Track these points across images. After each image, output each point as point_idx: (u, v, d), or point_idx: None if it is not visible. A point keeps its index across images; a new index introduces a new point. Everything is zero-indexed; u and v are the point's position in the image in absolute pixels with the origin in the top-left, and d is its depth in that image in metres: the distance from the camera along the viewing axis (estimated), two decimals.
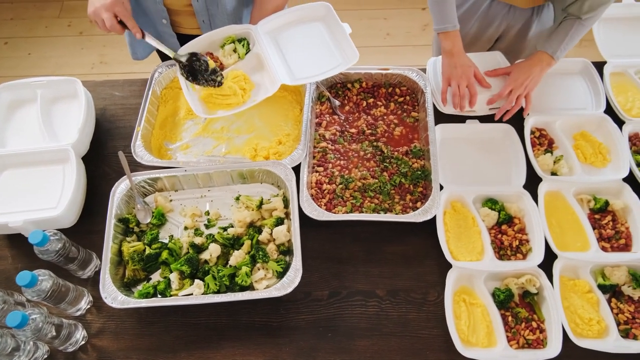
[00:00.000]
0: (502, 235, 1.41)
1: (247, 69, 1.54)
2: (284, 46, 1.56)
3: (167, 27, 1.63)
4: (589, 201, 1.46)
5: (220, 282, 1.33)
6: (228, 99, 1.49)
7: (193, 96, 1.49)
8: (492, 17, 1.70)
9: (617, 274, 1.34)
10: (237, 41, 1.56)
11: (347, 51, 1.52)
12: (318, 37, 1.57)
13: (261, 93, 1.49)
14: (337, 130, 1.59)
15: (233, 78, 1.50)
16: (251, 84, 1.53)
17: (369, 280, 1.39)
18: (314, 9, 1.59)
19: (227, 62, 1.54)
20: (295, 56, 1.54)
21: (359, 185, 1.48)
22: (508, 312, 1.31)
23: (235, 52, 1.56)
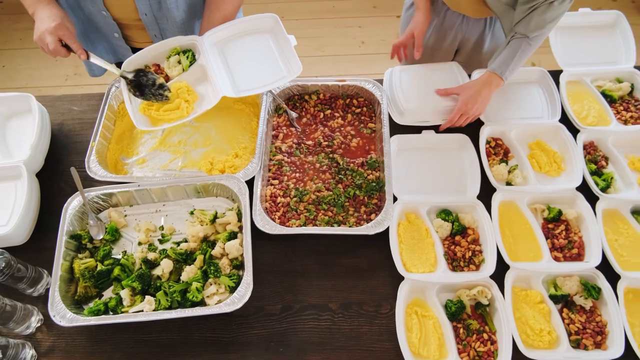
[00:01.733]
0: (455, 246, 1.41)
1: (191, 81, 1.53)
2: (230, 57, 1.55)
3: (120, 40, 1.62)
4: (542, 210, 1.46)
5: (171, 298, 1.32)
6: (171, 112, 1.48)
7: (135, 109, 1.48)
8: (448, 27, 1.71)
9: (569, 284, 1.34)
10: (182, 52, 1.55)
11: (292, 63, 1.52)
12: (264, 49, 1.57)
13: (204, 104, 1.48)
14: (294, 142, 1.59)
15: (177, 90, 1.50)
16: (195, 96, 1.52)
17: (322, 293, 1.38)
18: (261, 21, 1.59)
19: (172, 74, 1.53)
20: (239, 67, 1.53)
21: (314, 198, 1.47)
22: (460, 324, 1.31)
23: (179, 64, 1.55)
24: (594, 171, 1.50)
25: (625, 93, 1.65)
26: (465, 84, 1.58)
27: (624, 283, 1.33)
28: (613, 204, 1.45)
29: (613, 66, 1.71)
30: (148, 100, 1.47)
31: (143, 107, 1.48)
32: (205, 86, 1.51)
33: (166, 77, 1.53)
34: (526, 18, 1.40)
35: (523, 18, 1.41)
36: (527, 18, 1.40)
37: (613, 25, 1.79)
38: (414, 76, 1.67)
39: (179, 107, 1.47)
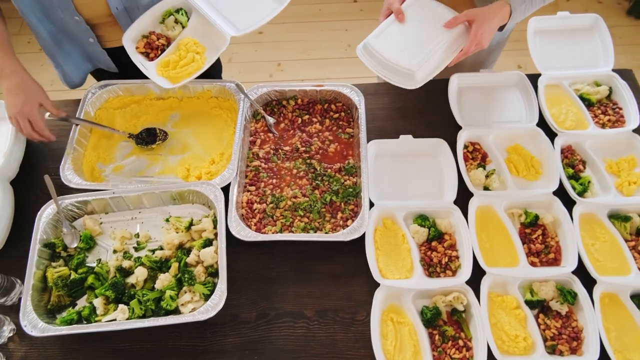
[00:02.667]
0: (431, 252, 1.40)
1: (193, 34, 1.60)
2: (219, 3, 1.61)
3: (96, 45, 1.61)
4: (520, 215, 1.45)
5: (145, 307, 1.31)
6: (188, 67, 1.55)
7: (153, 74, 1.54)
8: None
9: (545, 289, 1.33)
10: (175, 12, 1.60)
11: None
12: None
13: (214, 52, 1.57)
14: (272, 148, 1.58)
15: (185, 46, 1.56)
16: (202, 47, 1.59)
17: (298, 300, 1.37)
18: None
19: (173, 34, 1.59)
20: (232, 10, 1.60)
21: (290, 204, 1.46)
22: (435, 331, 1.30)
23: (177, 23, 1.61)
24: (572, 175, 1.50)
25: (603, 96, 1.64)
26: (476, 10, 1.44)
27: (600, 288, 1.32)
28: (590, 208, 1.44)
29: (591, 69, 1.70)
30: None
31: (159, 70, 1.55)
32: (208, 35, 1.59)
33: (167, 39, 1.59)
34: None
35: None
36: None
37: (591, 28, 1.78)
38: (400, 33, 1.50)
39: (193, 59, 1.55)
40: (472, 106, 1.63)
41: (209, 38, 1.59)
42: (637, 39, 3.22)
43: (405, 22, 1.49)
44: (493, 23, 1.44)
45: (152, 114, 1.65)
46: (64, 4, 1.46)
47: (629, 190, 1.47)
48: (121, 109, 1.66)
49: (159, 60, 1.56)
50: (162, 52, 1.58)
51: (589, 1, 3.33)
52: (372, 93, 1.70)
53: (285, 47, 3.22)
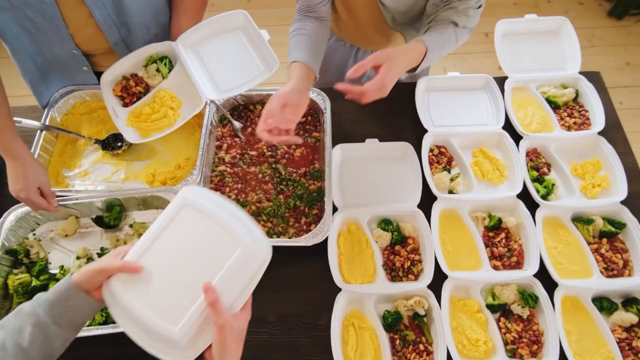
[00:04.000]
0: (394, 256, 1.40)
1: (172, 87, 1.53)
2: (206, 59, 1.54)
3: (89, 73, 1.59)
4: (483, 219, 1.45)
5: (106, 313, 1.30)
6: (159, 121, 1.49)
7: (123, 124, 1.48)
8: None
9: (506, 292, 1.33)
10: (159, 60, 1.54)
11: (268, 58, 1.52)
12: (238, 47, 1.56)
13: (189, 110, 1.50)
14: (238, 153, 1.57)
15: (160, 99, 1.50)
16: (179, 102, 1.52)
17: (260, 306, 1.35)
18: (232, 18, 1.57)
19: (153, 83, 1.53)
20: (218, 68, 1.53)
21: (254, 209, 1.46)
22: (397, 335, 1.30)
23: (158, 72, 1.55)
24: (536, 178, 1.50)
25: (569, 99, 1.65)
26: (386, 52, 1.27)
27: (561, 291, 1.32)
28: (553, 211, 1.44)
29: (559, 72, 1.70)
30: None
31: (130, 119, 1.48)
32: (187, 91, 1.51)
33: (147, 86, 1.53)
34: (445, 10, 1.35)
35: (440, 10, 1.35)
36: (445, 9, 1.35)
37: (559, 31, 1.78)
38: None
39: (165, 115, 1.48)
40: (439, 109, 1.63)
41: (187, 93, 1.51)
42: (618, 39, 3.23)
43: None
44: (402, 67, 1.31)
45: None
46: (63, 41, 1.44)
47: (593, 193, 1.47)
48: (88, 115, 1.65)
49: (131, 109, 1.51)
50: (138, 99, 1.52)
51: (570, 2, 3.34)
52: (340, 97, 1.69)
53: None
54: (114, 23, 1.43)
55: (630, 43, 3.21)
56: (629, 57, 3.15)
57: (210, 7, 3.40)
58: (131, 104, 1.51)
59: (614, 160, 1.51)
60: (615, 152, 1.52)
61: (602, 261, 1.38)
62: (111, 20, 1.42)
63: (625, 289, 1.34)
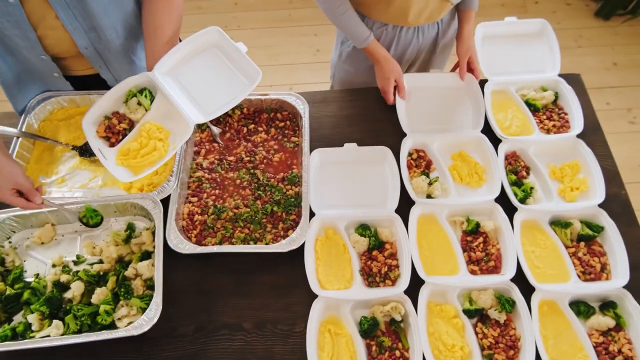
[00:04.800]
0: (372, 261, 1.39)
1: (157, 118, 1.43)
2: (187, 83, 1.46)
3: (60, 79, 1.57)
4: (462, 223, 1.45)
5: (81, 322, 1.29)
6: (150, 155, 1.39)
7: (112, 164, 1.38)
8: (404, 46, 1.74)
9: (483, 297, 1.32)
10: (139, 93, 1.45)
11: (249, 71, 1.43)
12: (217, 64, 1.48)
13: (178, 138, 1.41)
14: (216, 158, 1.57)
15: (147, 132, 1.40)
16: (166, 132, 1.43)
17: (237, 312, 1.36)
18: (205, 37, 1.48)
19: (136, 117, 1.43)
20: (200, 90, 1.45)
21: (231, 215, 1.45)
22: (373, 342, 1.29)
23: (140, 105, 1.45)
24: (514, 182, 1.49)
25: (549, 102, 1.64)
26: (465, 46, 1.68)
27: (539, 295, 1.32)
28: (531, 215, 1.44)
29: (538, 75, 1.70)
30: None
31: (119, 158, 1.39)
32: (172, 119, 1.42)
33: (130, 122, 1.43)
34: None
35: None
36: None
37: (539, 33, 1.78)
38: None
39: (155, 148, 1.39)
40: (419, 112, 1.63)
41: (173, 121, 1.42)
42: (605, 40, 3.23)
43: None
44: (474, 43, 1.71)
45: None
46: (32, 46, 1.42)
47: (571, 196, 1.47)
48: (66, 121, 1.64)
49: (118, 148, 1.40)
50: (124, 137, 1.41)
51: (558, 3, 3.34)
52: (319, 101, 1.70)
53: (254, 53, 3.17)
54: (81, 25, 1.41)
55: (617, 43, 3.21)
56: (616, 57, 3.15)
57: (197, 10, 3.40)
58: (117, 143, 1.40)
59: (593, 163, 1.51)
60: (593, 154, 1.52)
61: (580, 265, 1.38)
62: (77, 22, 1.40)
63: (603, 292, 1.33)
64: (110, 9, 1.43)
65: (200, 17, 3.34)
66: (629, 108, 2.94)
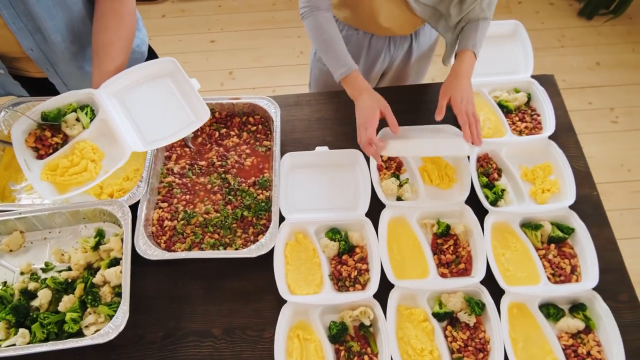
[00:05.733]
0: (341, 265, 1.38)
1: (93, 138, 1.38)
2: (132, 108, 1.41)
3: (6, 76, 1.54)
4: (432, 225, 1.44)
5: (47, 330, 1.28)
6: (79, 175, 1.34)
7: (36, 177, 1.31)
8: (375, 54, 1.69)
9: (453, 300, 1.32)
10: (80, 109, 1.40)
11: (198, 108, 1.39)
12: (167, 95, 1.43)
13: (113, 162, 1.34)
14: (187, 163, 1.56)
15: (80, 151, 1.35)
16: (101, 154, 1.37)
17: (206, 319, 1.35)
18: (159, 66, 1.45)
19: (72, 133, 1.37)
20: (144, 117, 1.40)
21: (201, 220, 1.44)
22: (342, 347, 1.28)
23: (78, 122, 1.39)
24: (486, 184, 1.49)
25: (521, 103, 1.64)
26: (446, 87, 1.44)
27: (508, 298, 1.32)
28: (502, 217, 1.43)
29: (511, 76, 1.69)
30: None
31: (45, 173, 1.32)
32: (110, 141, 1.37)
33: (65, 136, 1.38)
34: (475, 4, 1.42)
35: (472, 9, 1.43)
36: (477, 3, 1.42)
37: (512, 35, 1.78)
38: None
39: (85, 168, 1.33)
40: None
41: (110, 144, 1.36)
42: (588, 39, 3.24)
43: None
44: (467, 85, 1.43)
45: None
46: None
47: (542, 198, 1.46)
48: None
49: (47, 162, 1.34)
50: (55, 150, 1.35)
51: (541, 3, 3.34)
52: (292, 104, 1.69)
53: (238, 55, 3.21)
54: (25, 26, 1.38)
55: (600, 43, 3.21)
56: (599, 57, 3.15)
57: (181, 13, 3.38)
58: (47, 156, 1.34)
59: (564, 164, 1.50)
60: (565, 156, 1.51)
61: (550, 267, 1.37)
62: (21, 22, 1.36)
63: (572, 295, 1.33)
64: (55, 11, 1.39)
65: (184, 20, 3.32)
66: (612, 107, 2.94)
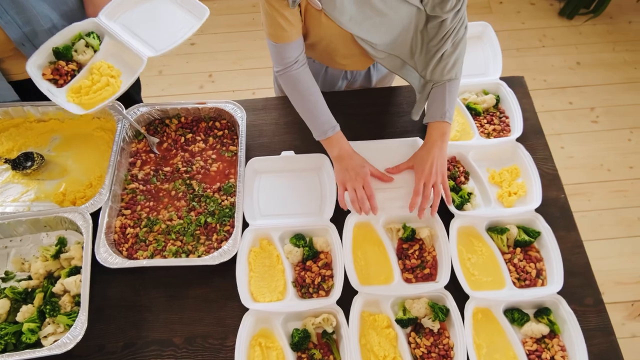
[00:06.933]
0: (305, 272, 1.36)
1: (107, 57, 1.46)
2: (133, 25, 1.49)
3: (1, 79, 1.52)
4: (398, 230, 1.43)
5: (4, 341, 1.26)
6: (102, 92, 1.41)
7: (62, 100, 1.39)
8: (333, 79, 1.68)
9: (417, 306, 1.30)
10: (86, 35, 1.48)
11: (196, 10, 1.50)
12: (162, 7, 1.52)
13: (130, 74, 1.44)
14: (152, 169, 1.53)
15: (98, 70, 1.43)
16: (117, 71, 1.46)
17: (168, 327, 1.33)
18: None
19: (84, 59, 1.46)
20: (147, 31, 1.49)
21: (164, 227, 1.42)
22: (304, 354, 1.27)
23: (88, 47, 1.47)
24: (453, 187, 1.47)
25: (490, 105, 1.62)
26: (414, 155, 1.47)
27: (473, 303, 1.30)
28: (468, 221, 1.42)
29: (480, 78, 1.68)
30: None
31: (70, 96, 1.41)
32: (123, 58, 1.46)
33: (78, 64, 1.45)
34: (439, 65, 1.36)
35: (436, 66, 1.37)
36: (441, 65, 1.36)
37: (481, 36, 1.77)
38: None
39: (108, 84, 1.42)
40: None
41: (124, 61, 1.46)
42: (569, 39, 3.23)
43: None
44: (433, 153, 1.39)
45: (32, 137, 1.59)
46: None
47: (509, 202, 1.45)
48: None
49: (69, 87, 1.41)
50: (73, 77, 1.43)
51: (522, 3, 3.33)
52: (260, 108, 1.67)
53: (217, 58, 3.19)
54: (13, 19, 1.37)
55: (580, 42, 3.21)
56: (579, 56, 3.15)
57: None
58: (65, 84, 1.42)
59: (531, 167, 1.49)
60: (532, 158, 1.50)
61: (515, 271, 1.36)
62: (8, 15, 1.35)
63: (537, 299, 1.32)
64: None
65: None
66: (592, 107, 2.94)
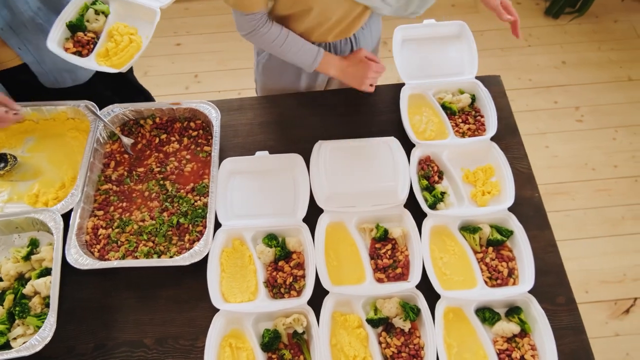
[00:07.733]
0: (277, 272, 1.36)
1: (120, 19, 1.56)
2: None
3: None
4: (371, 230, 1.42)
5: None
6: (128, 49, 1.51)
7: (95, 65, 1.48)
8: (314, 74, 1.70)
9: (388, 306, 1.30)
10: (92, 4, 1.55)
11: None
12: None
13: (147, 28, 1.53)
14: (125, 170, 1.53)
15: (117, 31, 1.52)
16: (134, 29, 1.56)
17: (138, 328, 1.33)
18: None
19: (98, 26, 1.54)
20: None
21: (136, 228, 1.42)
22: (275, 355, 1.26)
23: (98, 14, 1.56)
24: (426, 187, 1.47)
25: (465, 105, 1.62)
26: None
27: (444, 303, 1.30)
28: (441, 220, 1.42)
29: (456, 77, 1.68)
30: None
31: (100, 60, 1.50)
32: (134, 16, 1.57)
33: (94, 32, 1.53)
34: None
35: None
36: None
37: (458, 35, 1.76)
38: None
39: (130, 41, 1.51)
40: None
41: (136, 17, 1.57)
42: (555, 38, 3.24)
43: None
44: None
45: (6, 138, 1.59)
46: None
47: (483, 201, 1.45)
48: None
49: (95, 53, 1.51)
50: (95, 45, 1.52)
51: None
52: (235, 109, 1.67)
53: (203, 58, 3.18)
54: None
55: (566, 42, 3.21)
56: (565, 55, 3.15)
57: None
58: (90, 53, 1.51)
59: (505, 166, 1.49)
60: (505, 157, 1.50)
61: (487, 270, 1.36)
62: None
63: (508, 298, 1.31)
64: None
65: None
66: (577, 106, 2.94)
